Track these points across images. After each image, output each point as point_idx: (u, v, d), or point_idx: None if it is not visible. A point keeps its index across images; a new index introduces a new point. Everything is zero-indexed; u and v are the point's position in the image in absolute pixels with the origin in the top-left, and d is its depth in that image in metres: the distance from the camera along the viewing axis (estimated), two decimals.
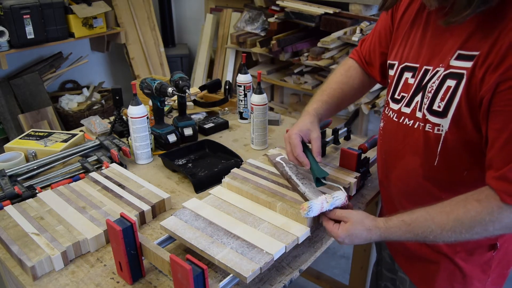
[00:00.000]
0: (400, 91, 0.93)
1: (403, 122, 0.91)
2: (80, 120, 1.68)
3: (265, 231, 0.90)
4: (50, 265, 0.88)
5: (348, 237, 0.83)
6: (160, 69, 3.53)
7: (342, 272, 2.18)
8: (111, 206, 1.04)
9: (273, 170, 1.13)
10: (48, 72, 3.02)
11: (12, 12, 2.53)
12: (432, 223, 0.78)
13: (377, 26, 1.08)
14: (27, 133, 1.46)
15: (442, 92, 0.81)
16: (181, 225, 0.93)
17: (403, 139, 0.92)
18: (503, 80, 0.71)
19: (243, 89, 1.57)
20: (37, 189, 1.13)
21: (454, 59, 0.80)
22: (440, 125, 0.83)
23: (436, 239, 0.79)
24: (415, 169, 0.91)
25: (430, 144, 0.86)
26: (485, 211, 0.75)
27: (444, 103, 0.81)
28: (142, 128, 1.28)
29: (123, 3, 3.29)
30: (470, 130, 0.80)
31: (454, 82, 0.79)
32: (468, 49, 0.78)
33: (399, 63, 0.94)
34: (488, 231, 0.76)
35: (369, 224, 0.83)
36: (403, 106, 0.91)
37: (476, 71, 0.75)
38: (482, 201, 0.76)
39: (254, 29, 3.06)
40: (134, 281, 0.86)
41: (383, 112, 1.01)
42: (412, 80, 0.90)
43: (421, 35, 0.89)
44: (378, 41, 1.06)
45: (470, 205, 0.76)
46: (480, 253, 0.94)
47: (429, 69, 0.85)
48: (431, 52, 0.86)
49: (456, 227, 0.76)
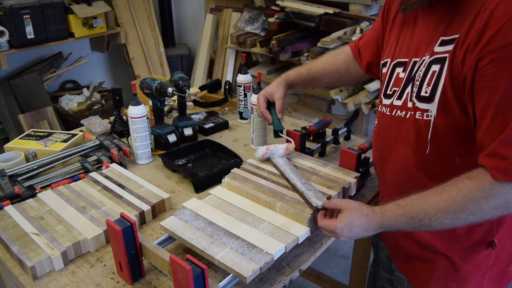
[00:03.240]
0: (392, 87, 0.94)
1: (396, 115, 0.92)
2: (80, 120, 1.68)
3: (265, 231, 0.90)
4: (50, 265, 0.88)
5: (347, 226, 0.82)
6: (160, 69, 3.53)
7: (342, 272, 2.18)
8: (111, 206, 1.04)
9: (273, 170, 1.13)
10: (48, 72, 3.02)
11: (12, 12, 2.53)
12: (426, 204, 0.78)
13: (373, 26, 1.12)
14: (27, 133, 1.46)
15: (428, 78, 0.83)
16: (181, 225, 0.93)
17: (395, 131, 0.93)
18: (482, 56, 0.72)
19: (243, 89, 1.57)
20: (37, 189, 1.13)
21: (437, 46, 0.82)
22: (429, 110, 0.84)
23: (431, 223, 0.78)
24: (408, 159, 0.92)
25: (421, 132, 0.87)
26: (476, 187, 0.75)
27: (430, 88, 0.82)
28: (142, 128, 1.28)
29: (123, 3, 3.29)
30: (457, 113, 0.80)
31: (438, 66, 0.81)
32: (449, 34, 0.80)
33: (391, 60, 0.96)
34: (483, 210, 0.75)
35: (367, 211, 0.83)
36: (394, 99, 0.93)
37: (457, 52, 0.77)
38: (473, 178, 0.76)
39: (254, 29, 3.06)
40: (134, 281, 0.86)
41: (377, 111, 1.02)
42: (403, 74, 0.91)
43: (411, 31, 0.91)
44: (375, 37, 1.10)
45: (461, 184, 0.76)
46: (478, 251, 0.93)
47: (417, 61, 0.87)
48: (418, 44, 0.88)
49: (450, 206, 0.76)
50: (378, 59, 1.07)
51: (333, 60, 1.22)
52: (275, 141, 1.48)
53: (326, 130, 1.46)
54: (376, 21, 1.10)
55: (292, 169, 1.09)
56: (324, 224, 0.86)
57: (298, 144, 1.26)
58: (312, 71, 1.21)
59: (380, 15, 1.05)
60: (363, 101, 2.50)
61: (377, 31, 1.08)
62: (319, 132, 1.43)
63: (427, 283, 0.99)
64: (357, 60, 1.17)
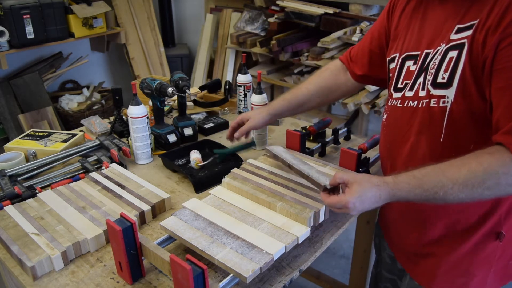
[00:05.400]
0: (403, 80, 0.94)
1: (407, 105, 0.92)
2: (80, 120, 1.68)
3: (265, 231, 0.90)
4: (50, 265, 0.88)
5: (359, 199, 0.78)
6: (160, 69, 3.53)
7: (342, 272, 2.18)
8: (111, 206, 1.04)
9: (273, 170, 1.13)
10: (48, 72, 3.02)
11: (12, 12, 2.53)
12: (443, 177, 0.76)
13: (371, 28, 1.11)
14: (27, 133, 1.46)
15: (445, 64, 0.82)
16: (181, 225, 0.93)
17: (407, 122, 0.92)
18: (503, 38, 0.73)
19: (243, 89, 1.57)
20: (37, 189, 1.13)
21: (453, 34, 0.82)
22: (446, 96, 0.83)
23: (446, 195, 0.76)
24: (421, 149, 0.91)
25: (435, 120, 0.86)
26: (497, 162, 0.74)
27: (448, 73, 0.82)
28: (142, 128, 1.28)
29: (123, 3, 3.29)
30: (475, 98, 0.80)
31: (456, 52, 0.81)
32: (466, 21, 0.80)
33: (399, 55, 0.96)
34: (500, 185, 0.74)
35: (377, 181, 0.80)
36: (406, 91, 0.92)
37: (477, 36, 0.77)
38: (494, 154, 0.75)
39: (254, 29, 3.06)
40: (134, 281, 0.86)
41: (385, 106, 1.02)
42: (414, 67, 0.91)
43: (420, 25, 0.91)
44: (370, 40, 1.10)
45: (482, 158, 0.75)
46: (486, 243, 0.93)
47: (429, 52, 0.87)
48: (431, 37, 0.88)
49: (469, 180, 0.75)
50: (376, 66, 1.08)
51: (317, 79, 1.19)
52: (274, 142, 1.48)
53: (326, 130, 1.46)
54: (374, 25, 1.10)
55: (293, 157, 1.09)
56: (333, 201, 0.82)
57: (298, 144, 1.26)
58: (296, 96, 1.18)
59: (385, 13, 1.05)
60: (363, 101, 2.50)
61: (377, 33, 1.07)
62: (319, 132, 1.43)
63: (433, 279, 0.99)
64: (349, 68, 1.15)
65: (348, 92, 1.22)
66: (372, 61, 1.11)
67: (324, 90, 1.18)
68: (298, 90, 1.19)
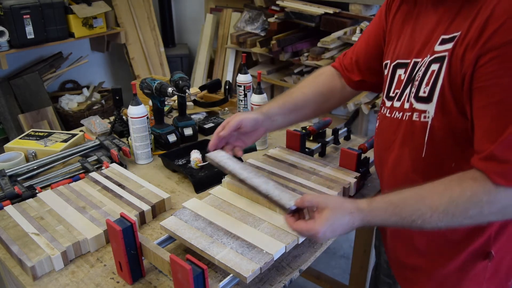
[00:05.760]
0: (394, 89, 0.91)
1: (394, 116, 0.89)
2: (80, 120, 1.68)
3: (265, 231, 0.90)
4: (50, 265, 0.88)
5: (330, 228, 0.72)
6: (160, 69, 3.53)
7: (342, 272, 2.18)
8: (111, 206, 1.04)
9: (273, 170, 1.13)
10: (48, 72, 3.02)
11: (12, 12, 2.53)
12: (422, 204, 0.71)
13: (366, 31, 1.06)
14: (27, 133, 1.46)
15: (427, 77, 0.79)
16: (181, 225, 0.93)
17: (393, 132, 0.89)
18: (482, 53, 0.68)
19: (243, 89, 1.57)
20: (37, 189, 1.13)
21: (438, 45, 0.78)
22: (426, 111, 0.79)
23: (424, 224, 0.72)
24: (404, 162, 0.88)
25: (417, 134, 0.83)
26: (482, 190, 0.69)
27: (428, 87, 0.78)
28: (142, 128, 1.28)
29: (123, 3, 3.29)
30: (455, 115, 0.76)
31: (437, 65, 0.77)
32: (450, 32, 0.76)
33: (391, 61, 0.92)
34: (483, 215, 0.70)
35: (350, 207, 0.74)
36: (395, 101, 0.89)
37: (456, 50, 0.73)
38: (478, 180, 0.70)
39: (254, 29, 3.06)
40: (134, 281, 0.86)
41: (379, 113, 0.99)
42: (404, 76, 0.88)
43: (411, 31, 0.87)
44: (365, 44, 1.04)
45: (465, 184, 0.70)
46: (474, 262, 0.89)
47: (418, 61, 0.83)
48: (420, 45, 0.84)
49: (450, 209, 0.70)
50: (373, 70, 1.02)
51: (312, 83, 1.09)
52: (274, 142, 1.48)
53: (326, 130, 1.46)
54: (369, 27, 1.05)
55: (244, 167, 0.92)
56: (301, 228, 0.74)
57: (298, 144, 1.26)
58: (292, 98, 1.05)
59: (382, 15, 1.00)
60: (363, 101, 2.50)
61: (374, 34, 1.02)
62: (319, 132, 1.43)
63: None
64: (346, 76, 1.08)
65: (344, 100, 1.13)
66: (369, 66, 1.04)
67: (319, 96, 1.07)
68: (293, 93, 1.07)
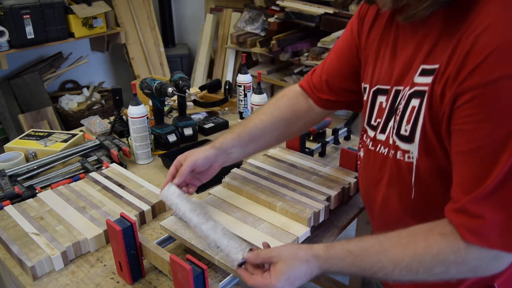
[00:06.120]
0: (376, 117, 0.82)
1: (379, 151, 0.80)
2: (80, 120, 1.68)
3: (265, 231, 0.90)
4: (50, 265, 0.88)
5: (287, 281, 0.67)
6: (160, 69, 3.53)
7: None
8: (111, 206, 1.04)
9: (273, 170, 1.13)
10: (48, 72, 3.02)
11: (12, 12, 2.53)
12: (384, 257, 0.66)
13: (336, 46, 0.95)
14: (27, 133, 1.46)
15: (407, 114, 0.71)
16: (181, 225, 0.92)
17: (379, 170, 0.81)
18: (460, 93, 0.60)
19: (243, 89, 1.57)
20: (37, 189, 1.13)
21: (417, 76, 0.69)
22: (410, 151, 0.72)
23: (386, 277, 0.67)
24: (394, 203, 0.80)
25: (403, 175, 0.75)
26: (450, 248, 0.63)
27: (410, 126, 0.70)
28: (142, 128, 1.28)
29: (123, 3, 3.29)
30: (440, 156, 0.68)
31: (418, 101, 0.69)
32: (430, 63, 0.67)
33: (370, 86, 0.83)
34: (448, 274, 0.64)
35: (305, 255, 0.69)
36: (378, 133, 0.81)
37: (436, 86, 0.65)
38: (447, 236, 0.63)
39: (254, 29, 3.06)
40: (134, 281, 0.86)
41: (361, 139, 0.89)
42: (385, 104, 0.79)
43: (391, 53, 0.77)
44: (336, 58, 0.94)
45: (432, 239, 0.64)
46: None
47: (399, 90, 0.75)
48: (400, 71, 0.74)
49: (413, 265, 0.64)
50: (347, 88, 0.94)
51: (272, 108, 0.99)
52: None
53: (326, 130, 1.46)
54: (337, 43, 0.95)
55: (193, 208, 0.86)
56: (256, 283, 0.70)
57: (298, 144, 1.26)
58: (247, 128, 0.96)
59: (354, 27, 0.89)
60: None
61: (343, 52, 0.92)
62: (319, 132, 1.43)
63: None
64: (313, 97, 0.98)
65: (313, 122, 1.03)
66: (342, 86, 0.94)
67: (280, 122, 0.97)
68: (250, 121, 0.97)
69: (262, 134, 0.97)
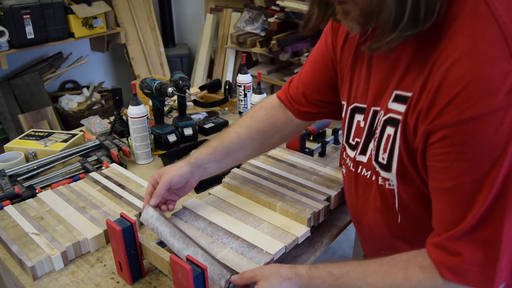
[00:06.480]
0: (354, 136, 0.81)
1: (361, 173, 0.79)
2: (80, 120, 1.68)
3: (265, 231, 0.90)
4: (50, 265, 0.88)
5: None
6: (160, 69, 3.53)
7: None
8: (111, 206, 1.04)
9: (273, 170, 1.13)
10: (48, 72, 3.03)
11: (12, 12, 2.53)
12: (364, 282, 0.67)
13: (311, 57, 0.93)
14: (27, 133, 1.46)
15: (383, 142, 0.70)
16: (181, 225, 0.92)
17: (363, 193, 0.81)
18: (432, 131, 0.59)
19: (243, 89, 1.57)
20: (37, 189, 1.13)
21: (391, 101, 0.68)
22: (389, 179, 0.72)
23: None
24: (380, 227, 0.80)
25: (388, 200, 0.74)
26: (428, 282, 0.63)
27: (386, 154, 0.70)
28: (142, 128, 1.28)
29: (123, 3, 3.29)
30: (420, 184, 0.68)
31: (392, 130, 0.68)
32: (403, 89, 0.66)
33: (347, 104, 0.82)
34: None
35: (287, 273, 0.71)
36: (357, 154, 0.79)
37: (409, 118, 0.64)
38: (426, 270, 0.63)
39: (254, 29, 3.06)
40: (134, 281, 0.86)
41: (341, 156, 0.88)
42: (363, 123, 0.78)
43: (366, 70, 0.75)
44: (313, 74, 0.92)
45: (411, 271, 0.64)
46: None
47: (377, 110, 0.73)
48: (376, 92, 0.73)
49: None
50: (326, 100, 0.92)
51: (249, 121, 0.96)
52: None
53: (326, 130, 1.46)
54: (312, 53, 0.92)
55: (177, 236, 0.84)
56: None
57: (298, 144, 1.26)
58: (223, 142, 0.94)
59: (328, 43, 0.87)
60: None
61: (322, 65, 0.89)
62: (319, 132, 1.43)
63: None
64: (291, 109, 0.95)
65: (292, 134, 1.02)
66: (319, 98, 0.92)
67: (257, 134, 0.95)
68: (226, 134, 0.96)
69: (239, 148, 0.95)
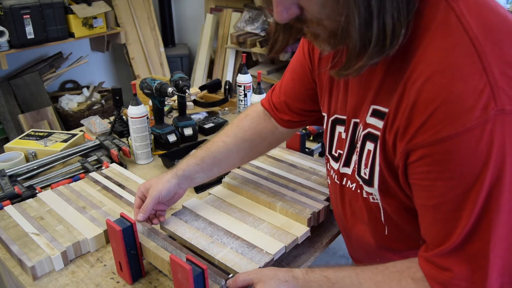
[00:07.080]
0: (336, 148, 0.81)
1: (346, 185, 0.79)
2: (80, 120, 1.68)
3: (265, 231, 0.90)
4: (50, 265, 0.88)
5: None
6: (160, 69, 3.53)
7: None
8: (111, 206, 1.04)
9: (273, 170, 1.13)
10: (48, 72, 3.03)
11: (12, 12, 2.54)
12: None
13: (291, 66, 0.93)
14: (27, 133, 1.46)
15: (364, 157, 0.70)
16: (181, 225, 0.93)
17: (349, 205, 0.81)
18: (411, 150, 0.58)
19: (243, 89, 1.57)
20: (37, 189, 1.13)
21: (369, 116, 0.68)
22: (373, 194, 0.72)
23: None
24: (368, 238, 0.81)
25: (373, 213, 0.75)
26: None
27: (368, 170, 0.70)
28: (142, 128, 1.28)
29: (123, 3, 3.29)
30: (404, 199, 0.67)
31: (372, 145, 0.68)
32: (379, 103, 0.65)
33: (328, 116, 0.82)
34: None
35: (284, 276, 0.71)
36: (341, 166, 0.79)
37: (387, 135, 0.63)
38: (419, 282, 0.64)
39: (254, 29, 3.06)
40: (134, 281, 0.86)
41: (326, 166, 0.88)
42: (344, 134, 0.77)
43: (344, 81, 0.75)
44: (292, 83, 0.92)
45: (404, 282, 0.65)
46: None
47: (357, 122, 0.73)
48: (355, 103, 0.72)
49: None
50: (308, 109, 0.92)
51: (235, 129, 0.97)
52: None
53: None
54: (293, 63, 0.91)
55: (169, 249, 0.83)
56: None
57: (298, 144, 1.26)
58: (210, 152, 0.95)
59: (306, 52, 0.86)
60: None
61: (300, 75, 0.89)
62: (319, 132, 1.43)
63: None
64: (275, 118, 0.95)
65: (280, 140, 1.02)
66: (301, 107, 0.92)
67: (244, 143, 0.96)
68: (213, 144, 0.96)
69: (226, 158, 0.96)
